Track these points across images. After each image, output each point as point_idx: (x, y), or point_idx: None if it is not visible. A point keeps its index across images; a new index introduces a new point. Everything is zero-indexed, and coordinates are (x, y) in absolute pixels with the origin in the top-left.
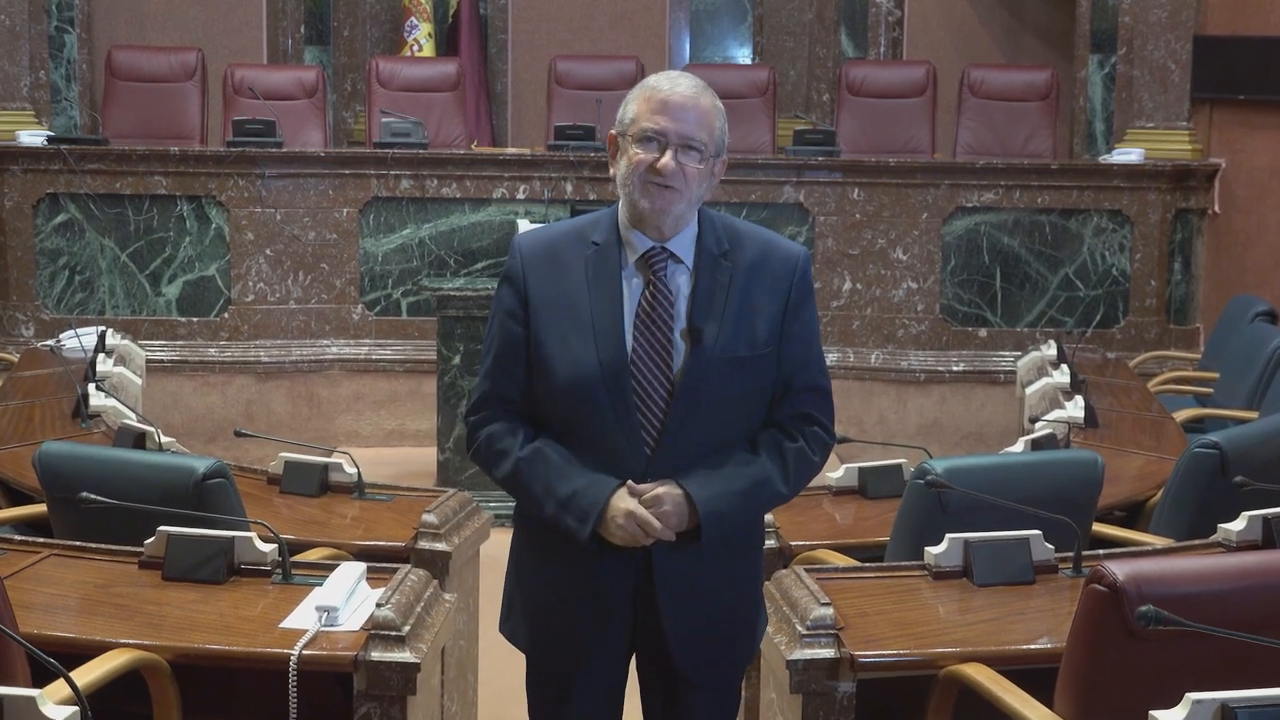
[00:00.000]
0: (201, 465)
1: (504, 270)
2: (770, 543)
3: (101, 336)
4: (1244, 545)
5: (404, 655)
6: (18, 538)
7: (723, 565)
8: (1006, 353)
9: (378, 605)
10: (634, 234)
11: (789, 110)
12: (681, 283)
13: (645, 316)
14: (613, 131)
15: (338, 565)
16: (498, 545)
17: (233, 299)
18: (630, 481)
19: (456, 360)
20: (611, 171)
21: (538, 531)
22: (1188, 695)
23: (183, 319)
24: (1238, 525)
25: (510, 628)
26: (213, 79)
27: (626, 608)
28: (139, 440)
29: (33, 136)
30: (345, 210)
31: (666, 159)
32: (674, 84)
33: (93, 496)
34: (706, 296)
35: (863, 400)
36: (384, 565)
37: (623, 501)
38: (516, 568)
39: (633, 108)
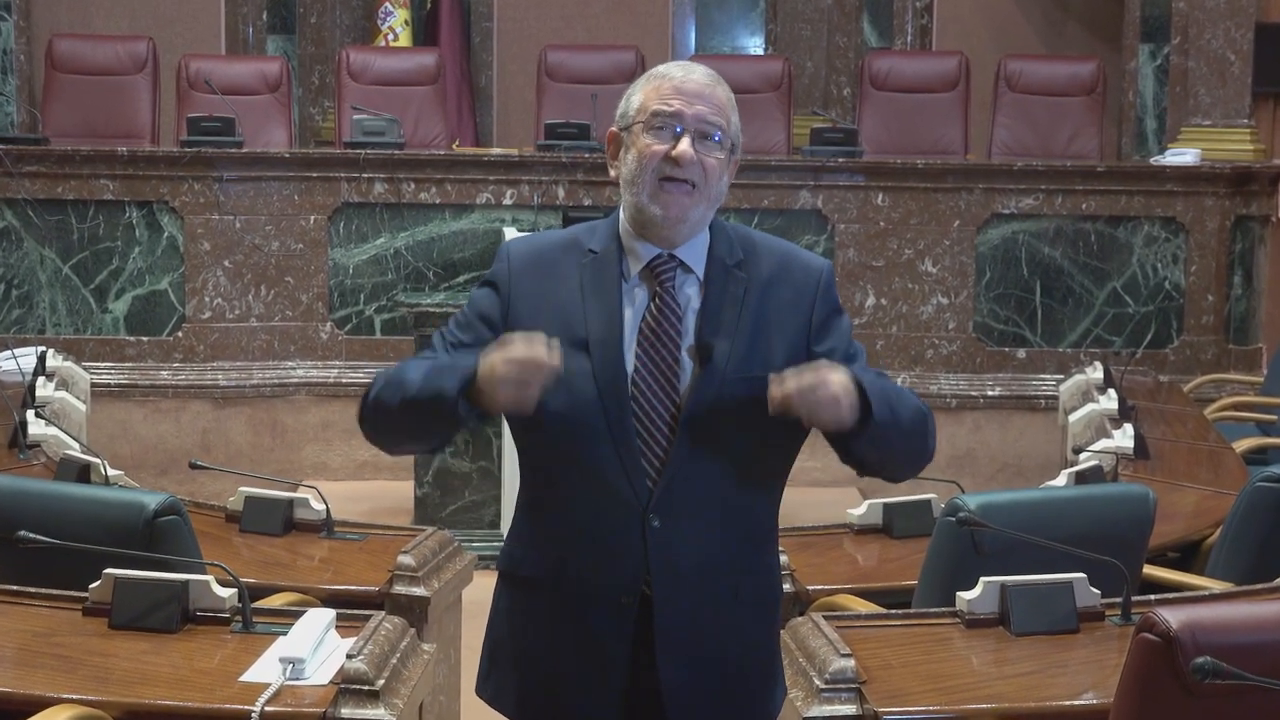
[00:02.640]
0: (152, 501)
1: (488, 274)
2: (785, 586)
3: (41, 358)
4: None
5: (377, 712)
6: None
7: (734, 619)
8: (1047, 376)
9: (348, 656)
10: (638, 242)
11: (805, 106)
12: (692, 294)
13: (650, 332)
14: (613, 128)
15: (304, 612)
16: (481, 590)
17: (187, 316)
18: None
19: None
20: (613, 174)
21: (523, 579)
22: None
23: (131, 338)
24: None
25: (492, 689)
26: (165, 71)
27: (622, 668)
28: (83, 473)
29: None
30: (312, 217)
31: (684, 146)
32: (687, 71)
33: (32, 535)
34: (717, 310)
35: None
36: (355, 612)
37: (501, 350)
38: (497, 620)
39: (638, 97)
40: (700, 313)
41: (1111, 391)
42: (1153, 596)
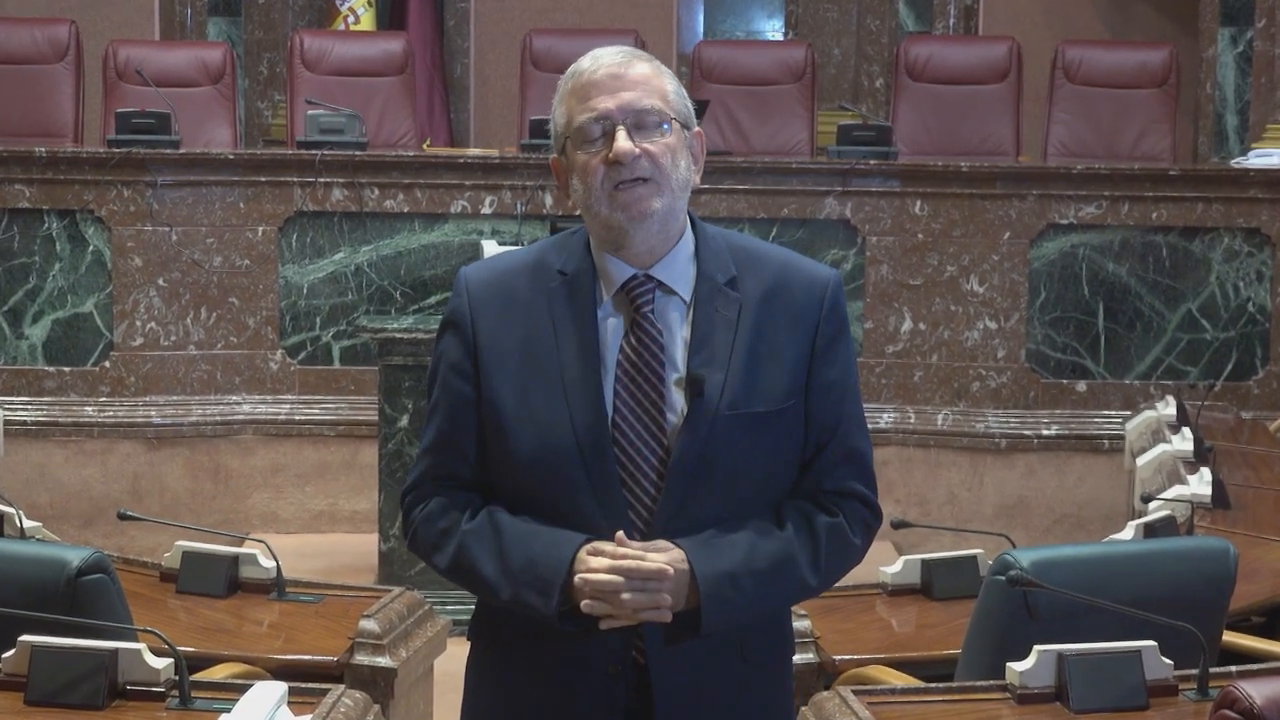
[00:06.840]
0: (75, 557)
1: (446, 312)
2: (807, 656)
3: None
4: None
5: None
6: None
7: (740, 682)
8: (1112, 412)
9: None
10: (611, 260)
11: (832, 100)
12: (675, 319)
13: (629, 365)
14: (552, 155)
15: (251, 686)
16: (455, 660)
17: (116, 343)
18: (620, 534)
19: (404, 421)
20: (570, 203)
21: (499, 646)
22: None
23: (51, 369)
24: None
25: None
26: (90, 60)
27: None
28: None
29: None
30: (260, 229)
31: (620, 142)
32: (595, 61)
33: None
34: (708, 336)
35: (927, 473)
36: (310, 685)
37: (593, 556)
38: (471, 694)
39: (561, 111)
40: (689, 341)
41: (1186, 430)
42: (1234, 668)
